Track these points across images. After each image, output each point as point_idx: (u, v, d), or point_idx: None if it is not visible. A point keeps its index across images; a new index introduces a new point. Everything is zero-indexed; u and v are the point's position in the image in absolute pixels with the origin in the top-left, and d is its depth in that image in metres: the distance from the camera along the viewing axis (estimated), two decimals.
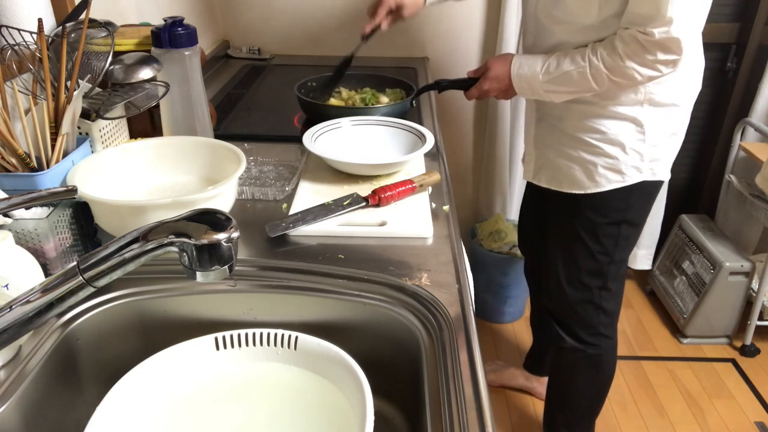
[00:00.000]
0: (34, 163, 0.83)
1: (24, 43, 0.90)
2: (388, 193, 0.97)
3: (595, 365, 1.48)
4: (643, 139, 1.20)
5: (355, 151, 1.18)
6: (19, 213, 0.72)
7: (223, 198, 0.86)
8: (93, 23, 1.00)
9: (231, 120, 1.40)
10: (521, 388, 1.91)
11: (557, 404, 1.60)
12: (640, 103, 1.18)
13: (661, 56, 1.05)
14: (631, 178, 1.23)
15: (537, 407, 1.86)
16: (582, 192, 1.27)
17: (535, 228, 1.60)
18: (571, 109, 1.23)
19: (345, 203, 0.96)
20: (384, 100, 1.44)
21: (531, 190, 1.60)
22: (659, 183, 1.29)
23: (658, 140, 1.22)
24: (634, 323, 2.25)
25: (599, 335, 1.43)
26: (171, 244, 0.51)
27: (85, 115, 0.93)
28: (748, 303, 2.05)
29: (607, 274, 1.35)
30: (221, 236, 0.51)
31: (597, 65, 1.10)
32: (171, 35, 0.99)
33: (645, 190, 1.27)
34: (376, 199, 0.97)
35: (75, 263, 0.51)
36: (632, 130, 1.20)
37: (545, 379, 1.83)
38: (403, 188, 0.99)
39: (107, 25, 1.01)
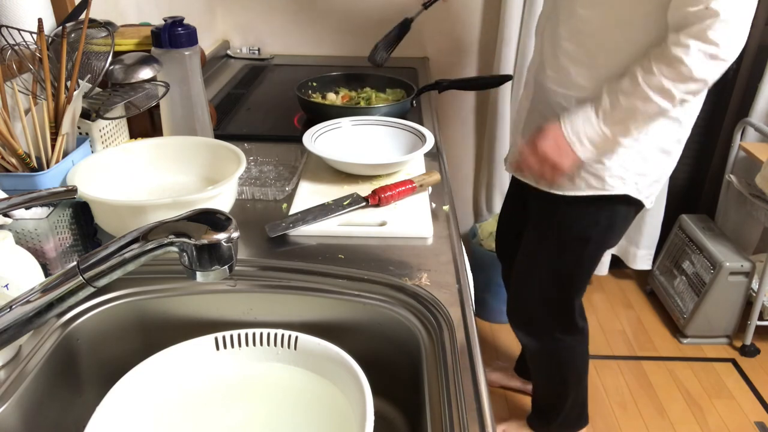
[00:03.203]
0: (34, 163, 0.83)
1: (24, 43, 0.90)
2: (388, 193, 0.97)
3: (552, 366, 1.51)
4: (632, 146, 1.15)
5: (355, 151, 1.18)
6: (19, 213, 0.72)
7: (223, 198, 0.86)
8: (93, 23, 1.00)
9: (231, 120, 1.40)
10: (519, 390, 1.91)
11: (532, 396, 1.65)
12: None
13: (722, 46, 0.96)
14: (613, 188, 1.18)
15: None
16: (559, 193, 1.23)
17: (515, 234, 1.56)
18: (571, 105, 1.16)
19: (345, 203, 0.96)
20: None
21: (514, 193, 1.56)
22: (639, 204, 1.23)
23: (649, 154, 1.16)
24: (634, 323, 2.25)
25: (554, 339, 1.44)
26: (171, 244, 0.51)
27: (85, 115, 0.93)
28: (748, 303, 2.05)
29: (562, 284, 1.36)
30: (221, 236, 0.51)
31: (658, 82, 1.00)
32: (171, 35, 0.99)
33: (623, 207, 1.23)
34: (376, 199, 0.97)
35: (75, 263, 0.51)
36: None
37: None
38: (403, 188, 0.99)
39: (107, 25, 1.01)
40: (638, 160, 1.17)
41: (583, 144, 1.09)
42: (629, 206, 1.24)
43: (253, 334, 0.70)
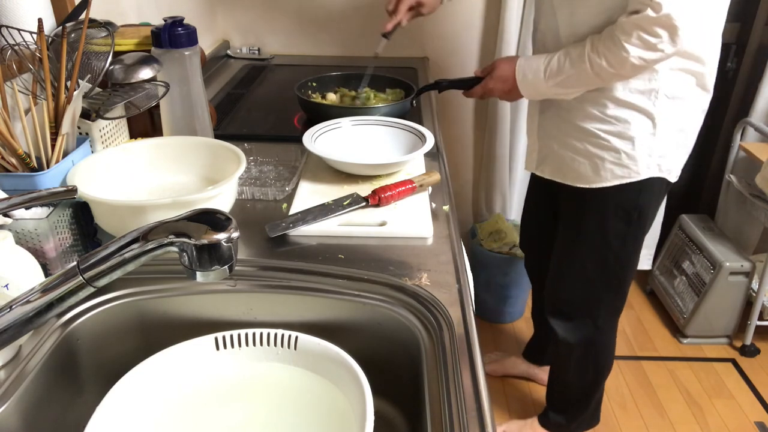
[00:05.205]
0: (34, 163, 0.83)
1: (24, 43, 0.90)
2: (388, 193, 0.97)
3: (589, 357, 1.49)
4: (653, 133, 1.18)
5: (355, 151, 1.18)
6: (19, 213, 0.72)
7: (223, 198, 0.86)
8: (93, 23, 1.00)
9: (231, 120, 1.40)
10: (523, 375, 1.93)
11: (557, 394, 1.63)
12: (653, 92, 1.15)
13: (659, 36, 1.02)
14: (638, 174, 1.22)
15: (534, 395, 1.87)
16: (587, 186, 1.26)
17: (539, 223, 1.60)
18: (580, 99, 1.21)
19: (345, 203, 0.96)
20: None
21: (536, 184, 1.59)
22: (666, 181, 1.26)
23: (667, 134, 1.19)
24: (634, 323, 2.25)
25: (597, 328, 1.44)
26: (171, 244, 0.51)
27: (85, 115, 0.93)
28: (748, 303, 2.05)
29: (613, 270, 1.36)
30: (221, 236, 0.51)
31: (599, 63, 1.09)
32: (171, 35, 0.99)
33: (652, 187, 1.25)
34: (376, 199, 0.97)
35: (75, 263, 0.51)
36: (643, 123, 1.17)
37: (546, 366, 1.87)
38: (403, 188, 0.99)
39: (107, 25, 1.01)
40: (659, 143, 1.20)
41: (528, 91, 1.23)
42: (658, 186, 1.26)
43: (253, 334, 0.70)
